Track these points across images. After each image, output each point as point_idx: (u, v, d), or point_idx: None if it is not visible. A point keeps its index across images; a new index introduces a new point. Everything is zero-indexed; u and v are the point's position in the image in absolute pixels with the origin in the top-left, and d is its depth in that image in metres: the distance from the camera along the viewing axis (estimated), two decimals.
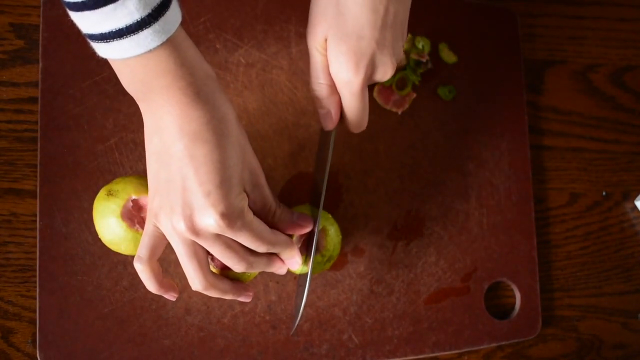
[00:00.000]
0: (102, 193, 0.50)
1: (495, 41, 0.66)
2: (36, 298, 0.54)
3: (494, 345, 0.62)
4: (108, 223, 0.49)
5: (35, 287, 0.55)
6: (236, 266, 0.45)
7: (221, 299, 0.56)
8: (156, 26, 0.38)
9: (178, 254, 0.44)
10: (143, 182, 0.49)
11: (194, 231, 0.42)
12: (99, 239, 0.51)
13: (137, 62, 0.39)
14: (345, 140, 0.61)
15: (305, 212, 0.52)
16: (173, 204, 0.42)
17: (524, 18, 0.68)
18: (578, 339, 0.65)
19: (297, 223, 0.49)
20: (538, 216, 0.65)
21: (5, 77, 0.58)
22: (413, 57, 0.62)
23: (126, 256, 0.55)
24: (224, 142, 0.42)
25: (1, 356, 0.55)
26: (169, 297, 0.47)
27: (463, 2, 0.65)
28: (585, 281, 0.66)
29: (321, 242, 0.53)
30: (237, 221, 0.42)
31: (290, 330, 0.57)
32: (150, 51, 0.38)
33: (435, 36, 0.64)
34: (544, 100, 0.68)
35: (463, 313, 0.61)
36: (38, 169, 0.55)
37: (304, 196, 0.59)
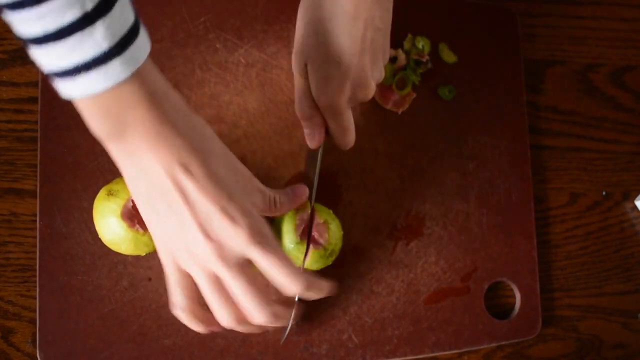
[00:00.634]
0: (102, 193, 0.50)
1: (495, 41, 0.66)
2: (36, 298, 0.54)
3: (494, 345, 0.62)
4: (108, 223, 0.49)
5: (35, 287, 0.55)
6: (262, 311, 0.43)
7: None
8: (126, 55, 0.35)
9: (204, 290, 0.43)
10: None
11: (222, 257, 0.41)
12: (99, 239, 0.51)
13: (109, 97, 0.36)
14: None
15: (303, 207, 0.52)
16: (189, 241, 0.41)
17: (524, 18, 0.68)
18: (578, 339, 0.65)
19: (296, 197, 0.50)
20: (538, 216, 0.65)
21: (5, 77, 0.58)
22: (413, 57, 0.62)
23: (126, 256, 0.55)
24: (215, 161, 0.41)
25: (1, 356, 0.55)
26: (217, 329, 0.46)
27: (463, 2, 0.65)
28: (585, 281, 0.66)
29: (324, 236, 0.53)
30: (262, 233, 0.42)
31: (289, 330, 0.57)
32: (121, 83, 0.36)
33: (435, 36, 0.64)
34: (544, 100, 0.68)
35: (463, 313, 0.61)
36: (38, 169, 0.55)
37: None
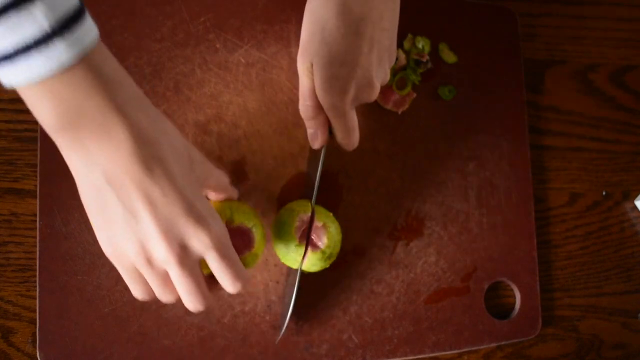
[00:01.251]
0: None
1: (495, 41, 0.66)
2: (36, 298, 0.54)
3: (494, 345, 0.62)
4: None
5: (35, 287, 0.55)
6: (197, 301, 0.42)
7: (221, 299, 0.56)
8: (70, 37, 0.33)
9: (149, 281, 0.41)
10: None
11: (180, 260, 0.40)
12: None
13: (58, 83, 0.34)
14: None
15: (304, 208, 0.53)
16: (145, 242, 0.39)
17: (524, 18, 0.68)
18: (578, 339, 0.65)
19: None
20: (538, 216, 0.65)
21: None
22: (413, 57, 0.62)
23: None
24: (175, 156, 0.40)
25: (1, 356, 0.55)
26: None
27: (463, 2, 0.65)
28: (585, 281, 0.66)
29: (322, 239, 0.53)
30: (221, 234, 0.41)
31: (288, 330, 0.57)
32: (71, 68, 0.34)
33: (435, 36, 0.64)
34: (544, 100, 0.68)
35: (463, 313, 0.61)
36: (38, 169, 0.55)
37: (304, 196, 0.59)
